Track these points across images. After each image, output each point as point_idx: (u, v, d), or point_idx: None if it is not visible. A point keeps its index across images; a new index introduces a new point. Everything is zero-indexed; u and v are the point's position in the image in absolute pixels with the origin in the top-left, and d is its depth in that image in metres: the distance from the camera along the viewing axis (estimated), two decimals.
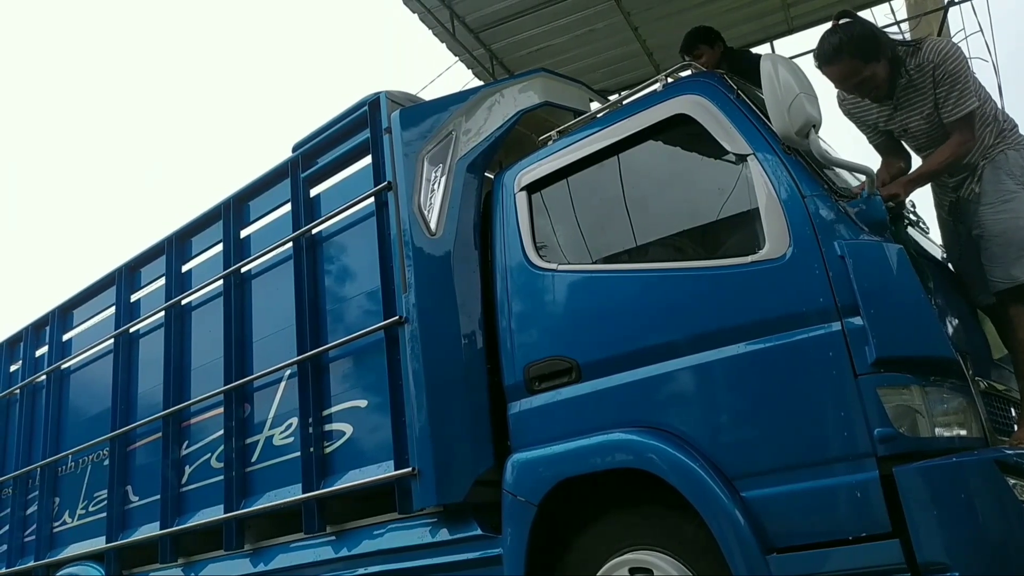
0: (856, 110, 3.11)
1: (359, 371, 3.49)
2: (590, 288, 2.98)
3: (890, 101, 2.97)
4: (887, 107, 2.99)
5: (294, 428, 3.60)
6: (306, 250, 3.73)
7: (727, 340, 2.57)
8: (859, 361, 2.31)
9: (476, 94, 3.63)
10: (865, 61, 2.82)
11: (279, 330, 3.77)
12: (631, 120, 3.01)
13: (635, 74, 6.26)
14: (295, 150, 3.93)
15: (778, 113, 2.52)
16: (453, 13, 5.65)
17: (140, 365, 4.61)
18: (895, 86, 2.91)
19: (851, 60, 2.82)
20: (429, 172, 3.38)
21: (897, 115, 2.97)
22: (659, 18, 5.73)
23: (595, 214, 3.13)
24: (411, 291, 3.20)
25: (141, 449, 4.45)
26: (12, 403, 5.63)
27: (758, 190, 2.61)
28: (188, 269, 4.48)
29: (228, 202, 4.21)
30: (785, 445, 2.42)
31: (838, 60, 2.84)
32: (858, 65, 2.82)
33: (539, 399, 2.97)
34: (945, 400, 2.39)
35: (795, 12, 5.78)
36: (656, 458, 2.59)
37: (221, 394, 3.92)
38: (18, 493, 5.29)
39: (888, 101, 2.97)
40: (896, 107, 2.96)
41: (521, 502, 2.85)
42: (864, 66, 2.82)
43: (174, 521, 4.07)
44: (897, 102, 2.95)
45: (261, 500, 3.69)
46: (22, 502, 5.26)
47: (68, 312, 5.34)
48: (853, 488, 2.26)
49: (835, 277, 2.40)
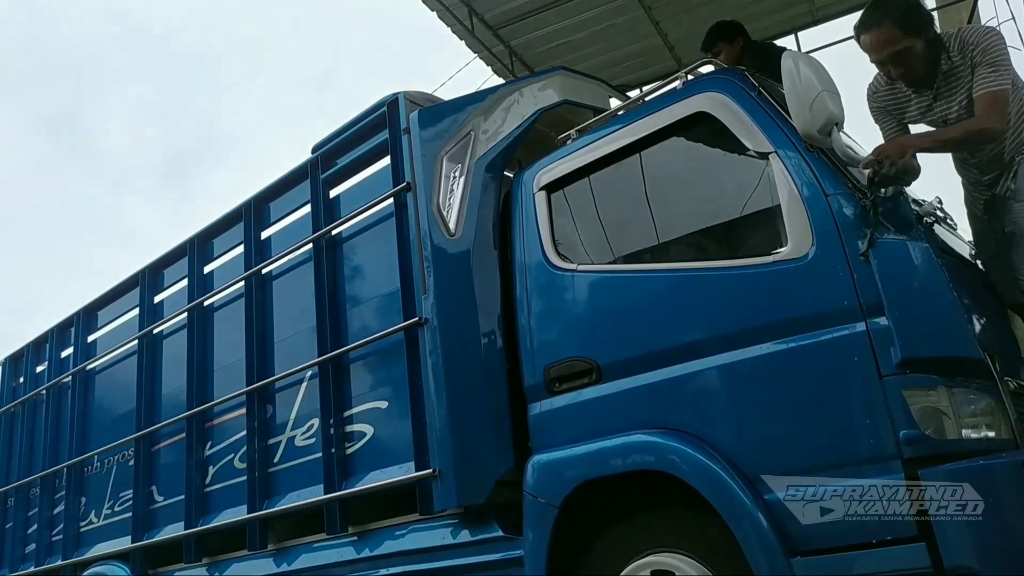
0: (892, 105, 3.04)
1: (380, 372, 3.50)
2: (610, 288, 2.97)
3: (929, 91, 2.91)
4: (926, 97, 2.93)
5: (316, 429, 3.61)
6: (326, 251, 3.74)
7: (749, 341, 2.54)
8: (884, 362, 2.28)
9: (494, 93, 3.61)
10: (904, 32, 2.78)
11: (300, 331, 3.79)
12: (651, 118, 2.99)
13: (657, 68, 6.18)
14: (314, 151, 3.94)
15: (800, 111, 2.49)
16: (471, 10, 5.61)
17: (164, 366, 4.65)
18: (935, 74, 2.86)
19: (891, 28, 2.78)
20: (448, 172, 3.37)
21: (937, 105, 2.91)
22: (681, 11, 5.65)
23: (614, 213, 3.11)
24: (431, 292, 3.19)
25: (165, 449, 4.49)
26: (39, 404, 5.70)
27: (780, 188, 2.58)
28: (210, 270, 4.51)
29: (249, 204, 4.23)
30: (808, 447, 2.39)
31: (878, 25, 2.80)
32: (897, 34, 2.78)
33: (559, 400, 2.96)
34: (972, 401, 2.34)
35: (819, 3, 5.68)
36: (678, 459, 2.56)
37: (243, 395, 3.95)
38: (46, 492, 5.36)
39: (927, 91, 2.91)
40: (936, 96, 2.90)
41: (542, 504, 2.84)
42: (904, 36, 2.78)
43: (198, 521, 4.10)
44: (937, 91, 2.89)
45: (284, 501, 3.70)
46: (49, 501, 5.32)
47: (93, 313, 5.40)
48: (878, 490, 2.21)
49: (859, 276, 2.36)
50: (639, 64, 6.22)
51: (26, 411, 5.82)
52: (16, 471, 5.74)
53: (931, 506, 2.13)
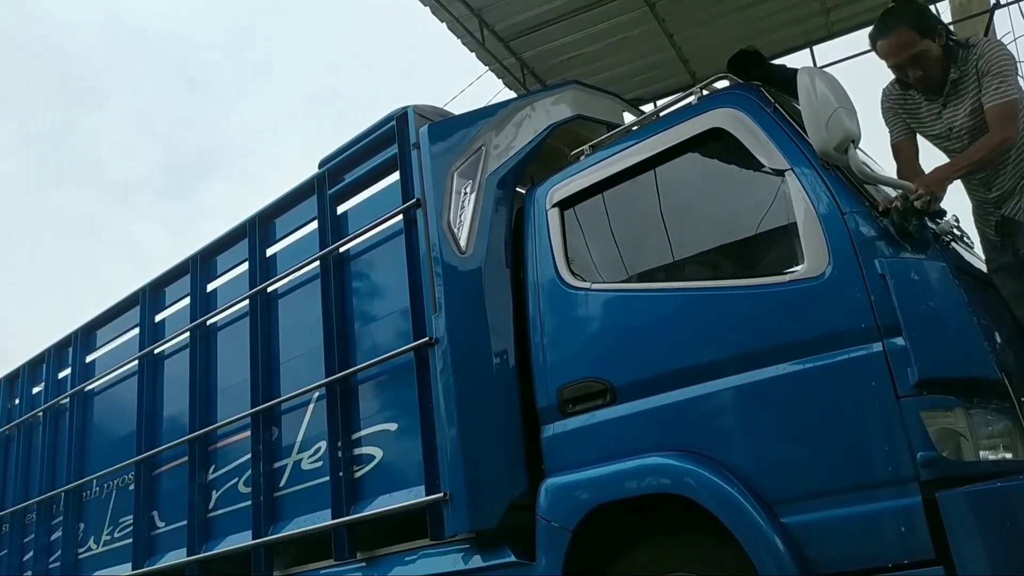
0: (903, 108, 3.06)
1: (389, 393, 3.45)
2: (624, 307, 2.93)
3: (939, 98, 2.94)
4: (936, 104, 2.96)
5: (323, 452, 3.55)
6: (333, 269, 3.69)
7: (765, 361, 2.51)
8: (901, 383, 2.26)
9: (506, 108, 3.58)
10: (921, 35, 2.85)
11: (307, 351, 3.73)
12: (665, 134, 2.97)
13: (671, 82, 6.14)
14: (321, 166, 3.90)
15: (816, 128, 2.47)
16: (483, 22, 5.56)
17: (165, 387, 4.58)
18: (945, 82, 2.90)
19: (908, 31, 2.85)
20: (459, 188, 3.34)
21: (945, 112, 2.94)
22: (695, 25, 5.60)
23: (629, 231, 3.08)
24: (441, 311, 3.15)
25: (167, 473, 4.41)
26: (35, 426, 5.60)
27: (796, 206, 2.56)
28: (213, 288, 4.45)
29: (254, 220, 4.18)
30: (825, 469, 2.36)
31: (895, 28, 2.87)
32: (914, 37, 2.85)
33: (573, 422, 2.92)
34: (990, 422, 2.33)
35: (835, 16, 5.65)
36: (693, 482, 2.53)
37: (248, 417, 3.88)
38: (42, 519, 5.25)
39: (937, 98, 2.94)
40: (945, 104, 2.93)
41: (555, 528, 2.80)
42: (920, 39, 2.84)
43: (201, 547, 4.01)
44: (946, 99, 2.93)
45: (290, 526, 3.63)
46: (46, 528, 5.21)
47: (91, 333, 5.31)
48: (895, 514, 2.20)
49: (876, 296, 2.34)
50: (653, 77, 6.16)
51: (22, 434, 5.72)
52: (12, 496, 5.63)
53: (949, 529, 2.10)
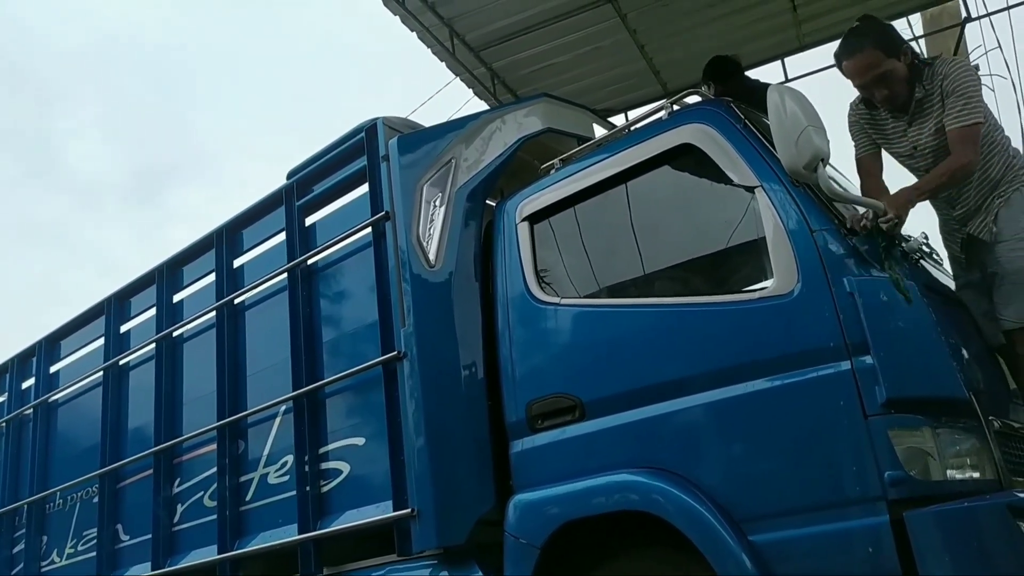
0: (869, 126, 3.07)
1: (356, 407, 3.41)
2: (593, 323, 2.92)
3: (904, 116, 2.95)
4: (901, 122, 2.97)
5: (290, 466, 3.50)
6: (301, 281, 3.65)
7: (733, 378, 2.51)
8: (869, 402, 2.26)
9: (476, 120, 3.56)
10: (887, 54, 2.85)
11: (274, 363, 3.68)
12: (635, 149, 2.96)
13: (642, 92, 6.11)
14: (290, 177, 3.85)
15: (785, 146, 2.46)
16: (453, 32, 5.52)
17: (130, 398, 4.50)
18: (911, 101, 2.91)
19: (874, 50, 2.85)
20: (428, 201, 3.31)
21: (911, 131, 2.96)
22: (667, 36, 5.58)
23: (598, 246, 3.07)
24: (410, 325, 3.13)
25: (132, 486, 4.34)
26: None
27: (766, 223, 2.56)
28: (180, 299, 4.38)
29: (221, 230, 4.12)
30: (793, 488, 2.36)
31: (861, 49, 2.87)
32: (880, 57, 2.85)
33: (542, 438, 2.90)
34: (958, 441, 2.33)
35: (807, 29, 5.66)
36: (661, 499, 2.52)
37: (214, 430, 3.82)
38: (5, 531, 5.15)
39: (902, 116, 2.96)
40: (910, 122, 2.95)
41: (523, 545, 2.77)
42: (885, 59, 2.85)
43: (166, 562, 3.95)
44: (912, 117, 2.94)
45: (256, 541, 3.58)
46: (8, 540, 5.11)
47: (55, 343, 5.22)
48: (863, 533, 2.19)
49: (845, 314, 2.34)
50: (624, 88, 6.15)
51: None
52: None
53: (916, 548, 2.10)
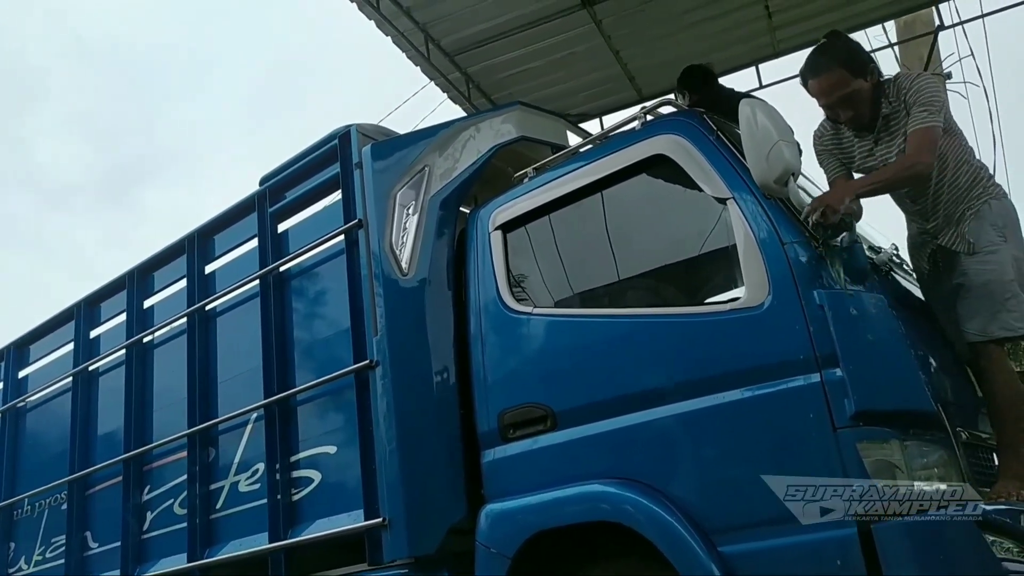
0: (836, 149, 3.05)
1: (328, 415, 3.39)
2: (565, 333, 2.92)
3: (870, 135, 2.94)
4: (868, 141, 2.95)
5: (260, 474, 3.47)
6: (273, 288, 3.62)
7: (704, 390, 2.51)
8: (838, 414, 2.27)
9: (450, 128, 3.55)
10: (853, 74, 2.83)
11: (246, 371, 3.65)
12: (608, 159, 2.96)
13: (617, 98, 6.14)
14: (262, 183, 3.82)
15: (756, 160, 2.46)
16: (428, 37, 5.52)
17: (100, 405, 4.45)
18: (876, 119, 2.90)
19: (840, 70, 2.83)
20: (401, 209, 3.30)
21: (878, 149, 2.94)
22: (641, 42, 5.60)
23: (571, 255, 3.07)
24: (382, 333, 3.11)
25: (101, 493, 4.28)
26: None
27: (737, 235, 2.57)
28: (150, 305, 4.33)
29: (192, 236, 4.08)
30: (763, 499, 2.35)
31: (827, 69, 2.85)
32: (846, 77, 2.82)
33: (513, 447, 2.89)
34: (925, 454, 2.35)
35: (781, 36, 5.70)
36: (632, 510, 2.52)
37: (185, 437, 3.78)
38: None
39: (868, 135, 2.94)
40: (876, 141, 2.93)
41: (494, 554, 2.77)
42: (852, 79, 2.82)
43: (135, 570, 3.91)
44: (878, 135, 2.92)
45: (226, 549, 3.55)
46: None
47: (24, 348, 5.14)
48: (832, 545, 2.21)
49: (815, 327, 2.35)
50: (599, 93, 6.16)
51: None
52: None
53: (883, 560, 2.12)
